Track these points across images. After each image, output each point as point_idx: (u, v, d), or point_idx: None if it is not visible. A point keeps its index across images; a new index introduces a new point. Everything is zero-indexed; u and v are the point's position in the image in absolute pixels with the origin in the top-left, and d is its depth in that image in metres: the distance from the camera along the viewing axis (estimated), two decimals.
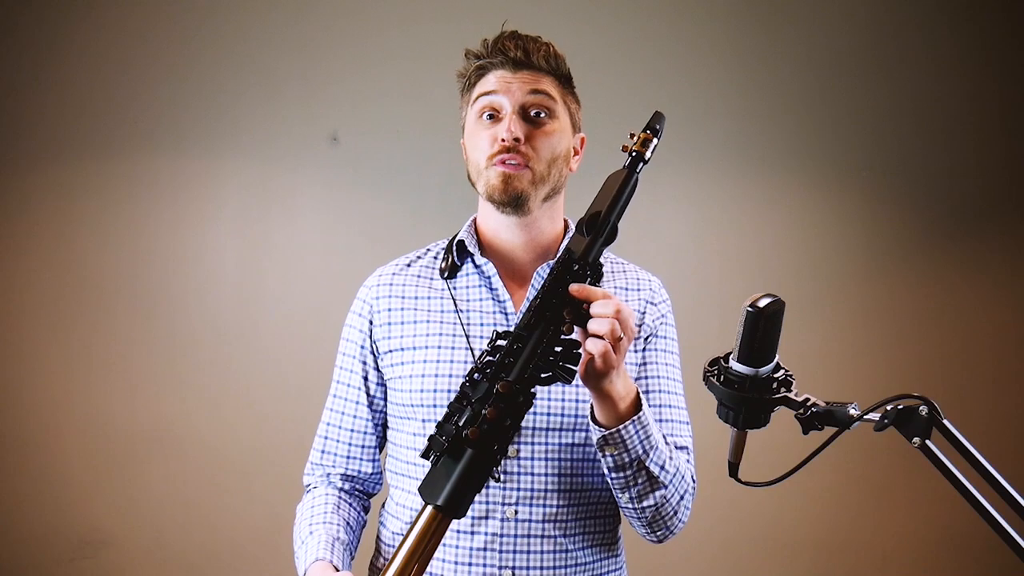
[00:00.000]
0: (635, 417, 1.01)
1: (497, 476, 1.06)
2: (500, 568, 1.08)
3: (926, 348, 3.09)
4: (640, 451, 1.02)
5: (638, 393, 1.03)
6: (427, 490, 0.85)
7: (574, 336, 0.95)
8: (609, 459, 1.02)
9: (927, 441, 0.82)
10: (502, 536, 1.08)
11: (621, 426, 1.00)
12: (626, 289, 1.23)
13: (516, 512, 1.09)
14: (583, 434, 1.11)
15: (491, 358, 0.90)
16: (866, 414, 0.86)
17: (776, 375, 0.92)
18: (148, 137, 2.79)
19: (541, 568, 1.09)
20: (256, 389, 2.78)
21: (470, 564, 1.08)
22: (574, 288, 0.93)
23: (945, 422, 0.82)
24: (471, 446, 0.84)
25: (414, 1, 2.91)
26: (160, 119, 2.80)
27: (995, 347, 3.13)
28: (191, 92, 2.81)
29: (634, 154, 1.02)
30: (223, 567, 2.74)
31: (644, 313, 1.21)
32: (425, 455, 0.88)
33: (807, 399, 0.90)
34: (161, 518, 2.73)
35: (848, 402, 0.88)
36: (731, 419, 0.95)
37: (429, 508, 0.85)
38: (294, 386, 2.76)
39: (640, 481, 1.04)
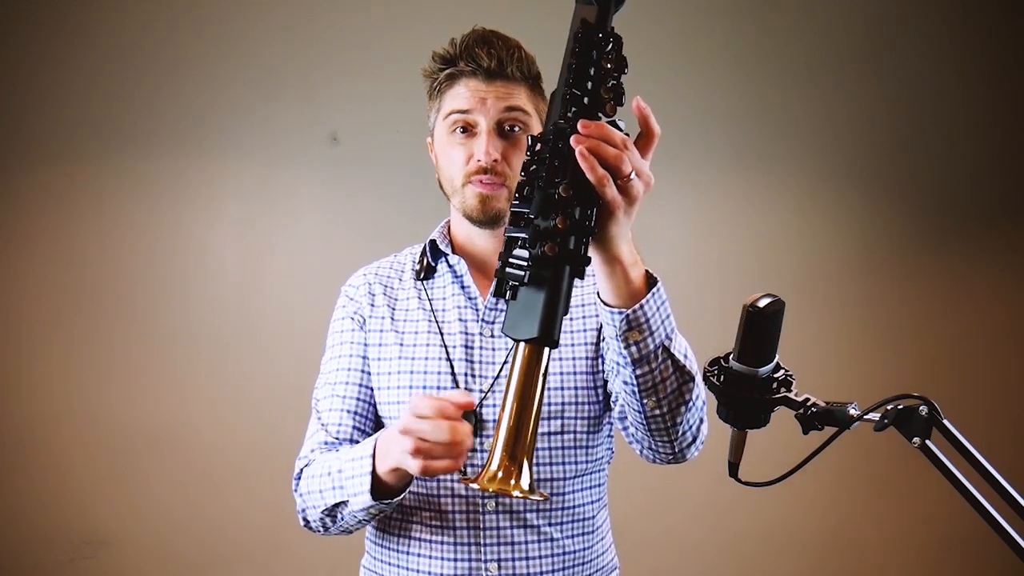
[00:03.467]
0: (655, 290, 0.90)
1: (464, 471, 1.06)
2: (486, 561, 1.08)
3: (926, 348, 3.09)
4: (664, 334, 0.91)
5: (647, 271, 0.92)
6: (515, 326, 0.73)
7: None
8: (633, 349, 0.89)
9: (927, 441, 0.82)
10: (485, 529, 1.08)
11: (644, 300, 0.88)
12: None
13: (498, 504, 1.09)
14: (558, 421, 1.11)
15: (534, 167, 0.76)
16: (866, 414, 0.86)
17: (776, 375, 0.92)
18: (148, 137, 2.79)
19: (527, 558, 1.09)
20: (256, 389, 2.78)
21: (455, 559, 1.08)
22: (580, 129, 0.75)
23: (945, 422, 0.82)
24: (554, 263, 0.72)
25: (414, 1, 2.91)
26: (160, 120, 2.80)
27: (994, 347, 3.13)
28: (191, 92, 2.81)
29: None
30: (223, 567, 2.74)
31: None
32: (499, 292, 0.76)
33: (807, 399, 0.90)
34: (161, 518, 2.73)
35: (848, 402, 0.88)
36: (731, 419, 0.95)
37: (523, 345, 0.73)
38: (294, 386, 2.75)
39: (669, 374, 0.93)
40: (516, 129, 1.12)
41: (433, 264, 1.20)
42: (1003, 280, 3.15)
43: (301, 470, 1.13)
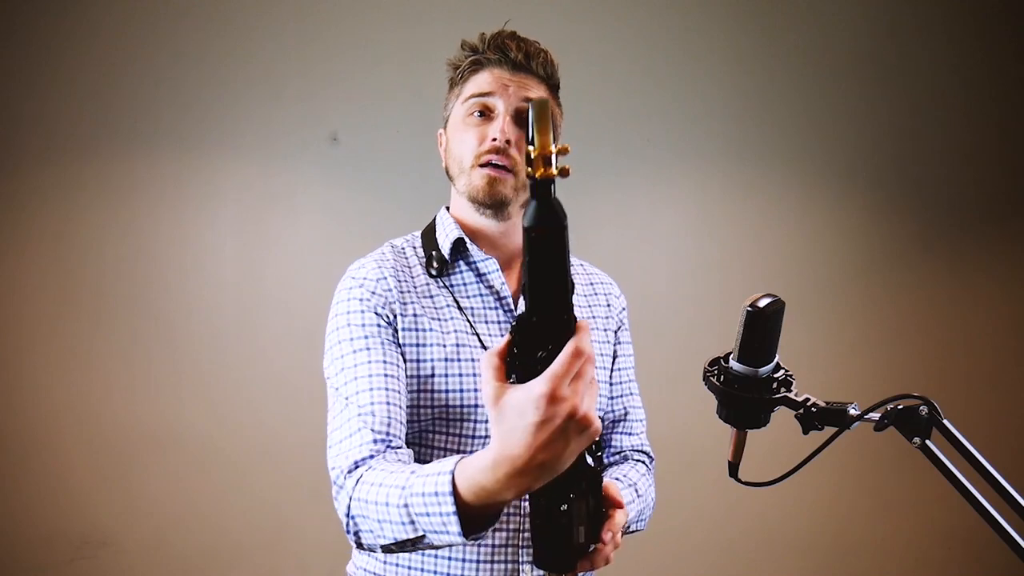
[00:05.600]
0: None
1: None
2: (521, 563, 1.07)
3: (926, 348, 3.09)
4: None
5: None
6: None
7: None
8: None
9: (927, 441, 0.83)
10: (523, 531, 1.07)
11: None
12: (591, 283, 1.28)
13: None
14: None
15: None
16: (866, 414, 0.86)
17: (776, 375, 0.92)
18: (148, 137, 2.79)
19: None
20: (256, 389, 2.78)
21: (492, 561, 1.06)
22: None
23: (945, 422, 0.82)
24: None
25: (414, 1, 2.91)
26: (160, 119, 2.80)
27: (994, 347, 3.13)
28: (191, 92, 2.81)
29: (536, 181, 0.62)
30: (223, 567, 2.74)
31: (610, 306, 1.27)
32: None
33: (807, 399, 0.90)
34: (161, 518, 2.73)
35: (848, 402, 0.88)
36: (731, 419, 0.95)
37: None
38: (294, 386, 2.76)
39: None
40: None
41: (448, 260, 1.15)
42: (1004, 279, 3.15)
43: (353, 473, 0.95)
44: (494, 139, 1.10)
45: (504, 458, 0.66)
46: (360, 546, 0.94)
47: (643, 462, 1.26)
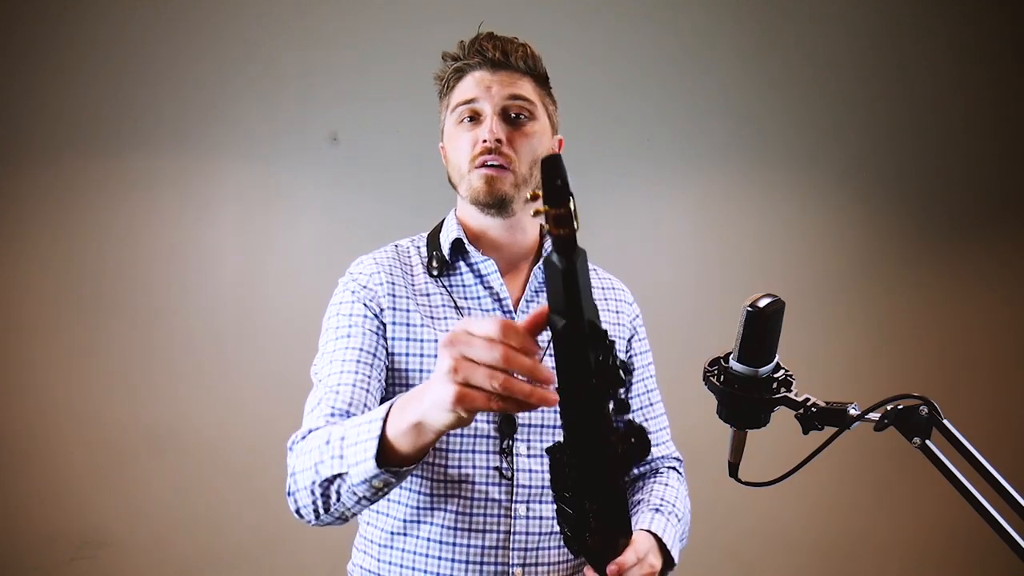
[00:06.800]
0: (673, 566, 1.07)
1: (507, 475, 1.06)
2: (511, 565, 1.07)
3: (926, 348, 3.09)
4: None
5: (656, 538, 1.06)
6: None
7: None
8: None
9: (927, 441, 0.82)
10: (513, 534, 1.08)
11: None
12: (602, 288, 1.28)
13: (528, 509, 1.08)
14: None
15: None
16: (866, 414, 0.86)
17: (776, 375, 0.92)
18: (148, 137, 2.79)
19: (549, 564, 1.09)
20: (256, 389, 2.78)
21: (481, 563, 1.07)
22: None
23: (945, 422, 0.82)
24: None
25: (414, 2, 2.91)
26: (160, 119, 2.80)
27: (994, 347, 3.13)
28: (191, 92, 2.81)
29: (558, 237, 0.62)
30: (223, 567, 2.74)
31: (620, 313, 1.26)
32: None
33: (807, 399, 0.90)
34: (161, 518, 2.73)
35: (848, 402, 0.88)
36: (731, 419, 0.95)
37: None
38: (293, 385, 2.76)
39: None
40: (522, 117, 1.14)
41: (449, 261, 1.17)
42: (1004, 279, 3.15)
43: (294, 444, 1.02)
44: (484, 140, 1.11)
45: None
46: (300, 515, 0.99)
47: (674, 468, 1.27)
